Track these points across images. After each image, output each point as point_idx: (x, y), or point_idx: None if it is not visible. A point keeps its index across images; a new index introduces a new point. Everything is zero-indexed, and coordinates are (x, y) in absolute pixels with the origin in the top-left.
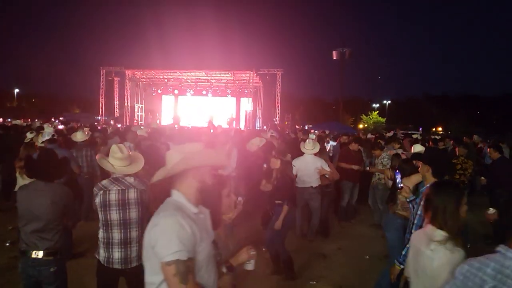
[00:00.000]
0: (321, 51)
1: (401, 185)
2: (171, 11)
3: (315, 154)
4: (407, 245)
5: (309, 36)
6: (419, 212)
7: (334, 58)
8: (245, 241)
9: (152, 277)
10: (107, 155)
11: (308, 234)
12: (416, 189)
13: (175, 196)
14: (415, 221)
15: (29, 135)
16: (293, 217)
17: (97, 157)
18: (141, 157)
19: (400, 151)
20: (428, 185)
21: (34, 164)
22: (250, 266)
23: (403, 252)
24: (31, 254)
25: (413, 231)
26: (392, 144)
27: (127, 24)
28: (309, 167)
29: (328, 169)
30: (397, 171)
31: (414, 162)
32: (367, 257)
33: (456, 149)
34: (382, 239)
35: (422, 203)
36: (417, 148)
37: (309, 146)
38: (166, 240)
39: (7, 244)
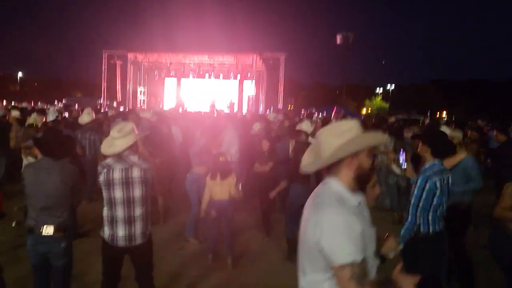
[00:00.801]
0: (325, 35)
1: (405, 165)
2: None
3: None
4: (405, 226)
5: (313, 20)
6: (415, 192)
7: (338, 42)
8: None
9: (315, 274)
10: None
11: None
12: None
13: (334, 185)
14: (413, 201)
15: (31, 118)
16: (305, 198)
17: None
18: (132, 134)
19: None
20: (427, 166)
21: (42, 141)
22: (392, 255)
23: (402, 232)
24: (42, 230)
25: (410, 210)
26: (412, 128)
27: (130, 6)
28: None
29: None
30: (402, 151)
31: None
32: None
33: (469, 132)
34: (384, 221)
35: (418, 183)
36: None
37: (305, 126)
38: (338, 241)
39: (13, 224)
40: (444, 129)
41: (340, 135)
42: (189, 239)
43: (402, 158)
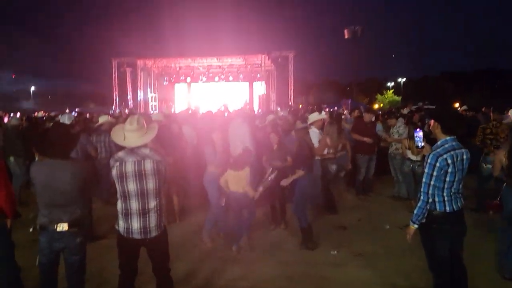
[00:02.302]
0: (333, 30)
1: (422, 144)
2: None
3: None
4: (418, 204)
5: (320, 15)
6: (426, 170)
7: (346, 37)
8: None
9: None
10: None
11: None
12: None
13: None
14: (424, 179)
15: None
16: (311, 185)
17: (111, 132)
18: (154, 127)
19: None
20: (439, 142)
21: (45, 140)
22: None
23: (415, 212)
24: (56, 227)
25: (422, 189)
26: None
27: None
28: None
29: (314, 143)
30: (418, 129)
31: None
32: (388, 226)
33: (491, 114)
34: (402, 210)
35: (428, 160)
36: None
37: (314, 116)
38: None
39: (31, 230)
40: None
41: None
42: (204, 239)
43: (418, 136)
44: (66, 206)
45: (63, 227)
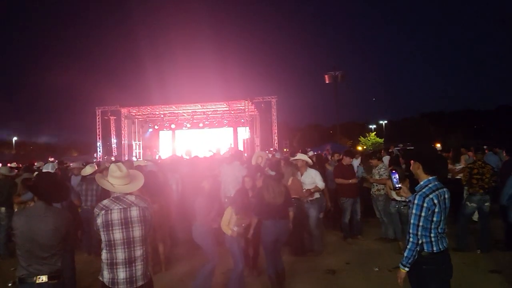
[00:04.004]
0: (314, 75)
1: (399, 185)
2: (163, 47)
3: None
4: (407, 247)
5: (301, 61)
6: (414, 211)
7: (327, 82)
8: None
9: None
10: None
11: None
12: None
13: None
14: (412, 221)
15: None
16: (265, 233)
17: (95, 177)
18: (141, 175)
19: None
20: (422, 183)
21: (36, 184)
22: None
23: (405, 254)
24: (35, 279)
25: (410, 231)
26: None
27: (121, 62)
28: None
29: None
30: (393, 171)
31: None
32: (377, 269)
33: (470, 154)
34: (390, 252)
35: (415, 201)
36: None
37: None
38: None
39: (9, 285)
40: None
41: None
42: None
43: (395, 178)
44: (46, 258)
45: (42, 279)
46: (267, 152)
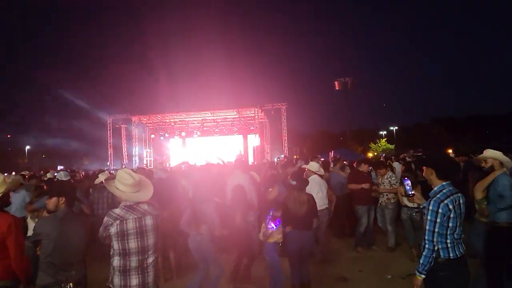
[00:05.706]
0: (325, 82)
1: (412, 192)
2: (173, 56)
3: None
4: (423, 253)
5: (311, 68)
6: (429, 217)
7: (337, 88)
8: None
9: None
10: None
11: None
12: None
13: None
14: (427, 227)
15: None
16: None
17: (105, 183)
18: (150, 183)
19: None
20: (436, 188)
21: (65, 190)
22: None
23: (421, 261)
24: (63, 287)
25: (426, 237)
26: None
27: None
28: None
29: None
30: (406, 178)
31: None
32: (390, 276)
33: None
34: (402, 259)
35: (430, 207)
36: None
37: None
38: None
39: None
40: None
41: None
42: None
43: (407, 185)
44: (74, 264)
45: (70, 286)
46: (279, 158)
